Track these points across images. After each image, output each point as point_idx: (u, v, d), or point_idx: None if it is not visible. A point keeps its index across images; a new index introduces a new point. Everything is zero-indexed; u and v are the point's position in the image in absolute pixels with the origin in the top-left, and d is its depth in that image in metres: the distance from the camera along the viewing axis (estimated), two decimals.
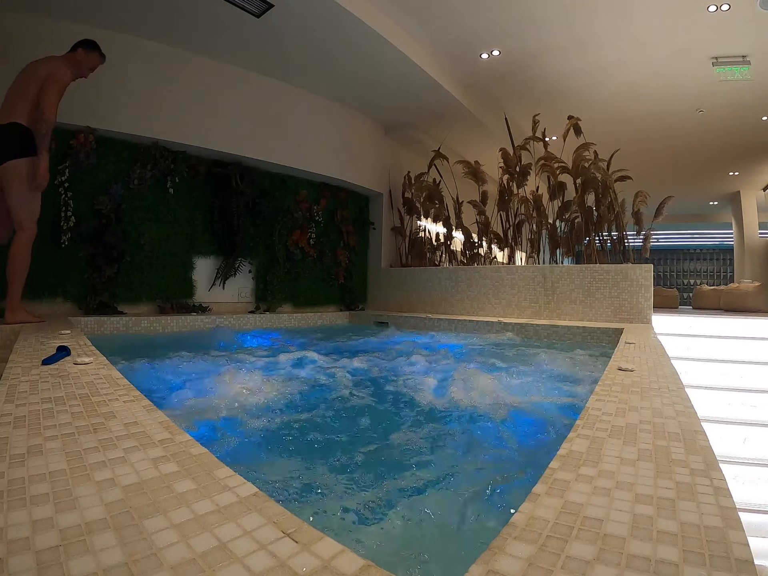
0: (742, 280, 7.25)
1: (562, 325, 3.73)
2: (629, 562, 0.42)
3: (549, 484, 0.59)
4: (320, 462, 1.21)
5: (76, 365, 1.31)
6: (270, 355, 2.85)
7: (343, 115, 5.32)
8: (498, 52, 4.32)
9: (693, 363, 2.82)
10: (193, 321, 3.84)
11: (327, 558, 0.42)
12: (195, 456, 0.66)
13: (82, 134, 3.40)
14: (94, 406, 0.90)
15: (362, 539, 0.83)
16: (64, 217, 3.35)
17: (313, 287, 5.36)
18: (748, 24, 3.71)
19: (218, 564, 0.41)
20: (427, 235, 6.06)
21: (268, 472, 1.11)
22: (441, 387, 2.01)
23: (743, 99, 5.08)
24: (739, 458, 1.99)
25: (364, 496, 1.01)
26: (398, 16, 3.81)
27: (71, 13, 3.24)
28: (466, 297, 4.93)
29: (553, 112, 5.11)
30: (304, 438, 1.37)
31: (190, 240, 4.24)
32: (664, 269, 14.09)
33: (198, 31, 3.65)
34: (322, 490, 1.03)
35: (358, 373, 2.39)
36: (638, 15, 3.68)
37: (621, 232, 4.53)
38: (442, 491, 1.05)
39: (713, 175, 8.35)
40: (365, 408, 1.77)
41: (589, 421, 0.89)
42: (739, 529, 0.48)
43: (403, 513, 0.93)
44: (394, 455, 1.28)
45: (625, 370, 1.43)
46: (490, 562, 0.42)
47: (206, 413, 1.49)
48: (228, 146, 4.24)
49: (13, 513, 0.48)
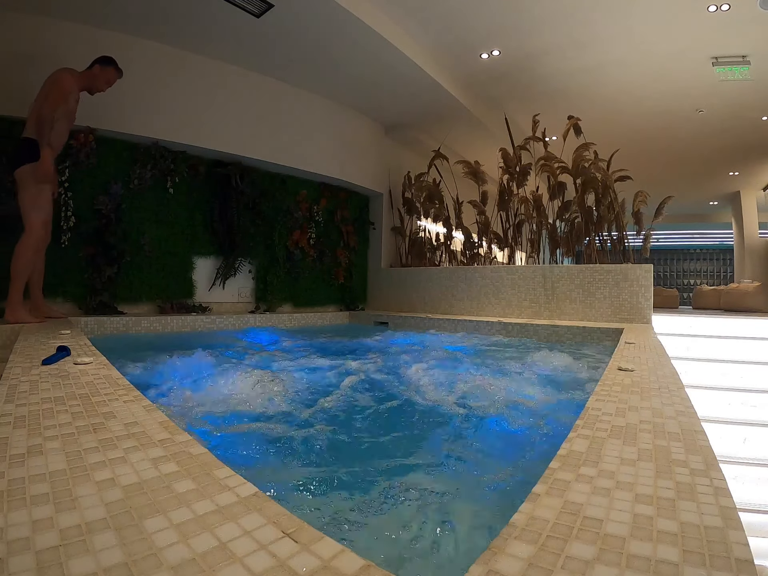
0: (742, 280, 7.26)
1: (562, 325, 3.73)
2: (629, 562, 0.42)
3: (549, 484, 0.59)
4: (320, 461, 1.21)
5: (76, 365, 1.31)
6: (269, 355, 2.85)
7: (343, 115, 5.32)
8: (498, 52, 4.32)
9: (693, 363, 2.82)
10: (193, 321, 3.84)
11: (327, 558, 0.42)
12: (195, 456, 0.66)
13: (82, 134, 3.40)
14: (94, 406, 0.90)
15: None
16: (64, 217, 3.35)
17: (313, 287, 5.36)
18: (748, 24, 3.71)
19: (218, 564, 0.41)
20: (427, 235, 6.06)
21: (267, 471, 1.11)
22: (441, 387, 2.01)
23: (743, 99, 5.08)
24: (739, 458, 1.99)
25: (362, 498, 1.01)
26: (398, 16, 3.81)
27: (71, 13, 3.24)
28: (466, 297, 4.93)
29: (553, 112, 5.11)
30: (303, 437, 1.37)
31: (190, 240, 4.24)
32: (664, 269, 14.08)
33: (198, 31, 3.65)
34: (321, 490, 1.03)
35: (357, 373, 2.38)
36: (638, 15, 3.68)
37: (621, 232, 4.53)
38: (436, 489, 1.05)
39: (713, 175, 8.35)
40: (364, 408, 1.76)
41: (589, 421, 0.89)
42: (739, 529, 0.48)
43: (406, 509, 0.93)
44: (393, 454, 1.28)
45: (625, 370, 1.43)
46: (490, 562, 0.42)
47: (206, 413, 1.49)
48: (228, 146, 4.24)
49: (13, 513, 0.48)
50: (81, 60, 3.38)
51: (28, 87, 2.90)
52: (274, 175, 4.88)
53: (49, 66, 3.26)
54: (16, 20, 3.14)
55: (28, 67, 3.13)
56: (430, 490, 1.04)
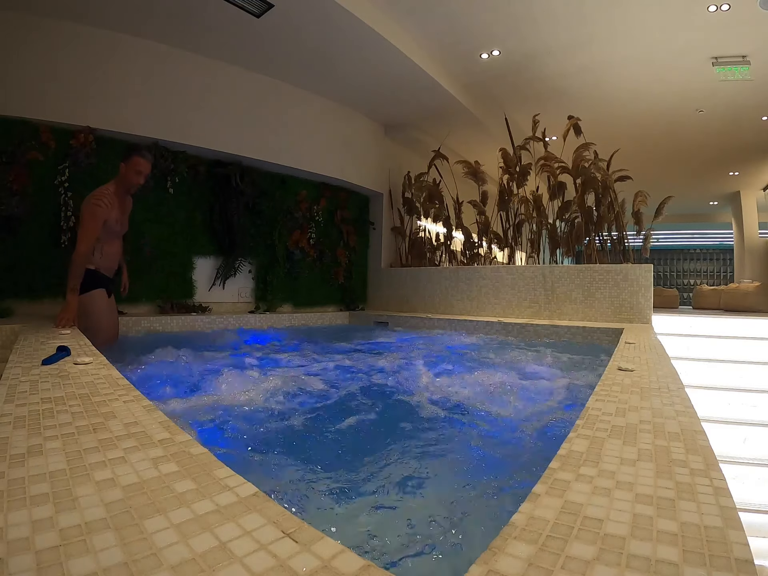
0: (742, 280, 7.26)
1: (562, 325, 3.73)
2: (629, 562, 0.42)
3: (549, 484, 0.59)
4: (318, 461, 1.21)
5: (76, 365, 1.31)
6: (269, 355, 2.85)
7: (343, 115, 5.32)
8: (498, 52, 4.32)
9: (693, 363, 2.82)
10: (193, 321, 3.84)
11: (327, 558, 0.42)
12: (195, 456, 0.66)
13: (82, 134, 3.41)
14: (94, 406, 0.90)
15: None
16: (64, 217, 3.35)
17: (313, 287, 5.36)
18: (748, 24, 3.71)
19: (218, 564, 0.41)
20: (427, 235, 6.06)
21: (266, 471, 1.11)
22: (440, 387, 2.01)
23: (743, 99, 5.08)
24: (739, 458, 1.99)
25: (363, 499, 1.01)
26: (398, 17, 3.81)
27: (72, 13, 3.23)
28: (466, 297, 4.93)
29: (553, 112, 5.11)
30: (302, 437, 1.37)
31: (190, 240, 4.24)
32: (664, 269, 14.08)
33: (198, 31, 3.65)
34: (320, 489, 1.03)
35: (357, 372, 2.39)
36: (638, 15, 3.68)
37: (621, 232, 4.53)
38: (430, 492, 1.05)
39: (713, 175, 8.35)
40: (364, 408, 1.76)
41: (589, 421, 0.89)
42: (739, 529, 0.48)
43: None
44: (392, 454, 1.28)
45: (625, 370, 1.43)
46: (490, 562, 0.42)
47: (205, 413, 1.49)
48: (228, 146, 4.24)
49: (13, 513, 0.48)
50: (81, 60, 3.40)
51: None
52: (274, 175, 4.88)
53: (49, 67, 3.28)
54: (17, 20, 3.14)
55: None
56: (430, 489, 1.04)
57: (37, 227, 3.29)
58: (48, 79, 3.24)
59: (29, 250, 3.26)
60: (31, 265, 3.27)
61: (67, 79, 3.32)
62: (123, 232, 2.79)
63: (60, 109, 3.32)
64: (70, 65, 3.34)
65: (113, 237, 2.69)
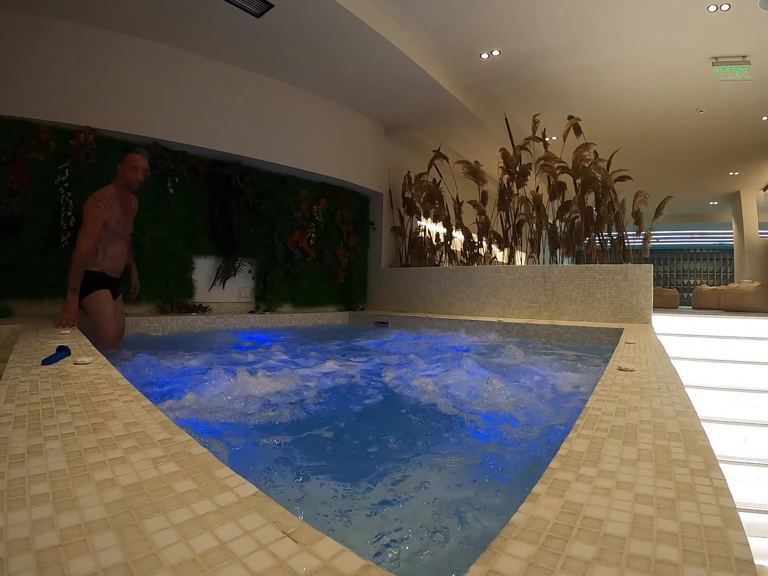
0: (742, 280, 7.26)
1: (562, 325, 3.73)
2: (629, 562, 0.42)
3: (549, 484, 0.59)
4: (318, 461, 1.21)
5: (76, 365, 1.31)
6: (269, 355, 2.85)
7: (343, 115, 5.32)
8: (498, 52, 4.32)
9: (693, 363, 2.82)
10: (193, 321, 3.84)
11: (327, 558, 0.42)
12: (195, 456, 0.66)
13: (82, 134, 3.40)
14: (94, 406, 0.90)
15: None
16: (64, 217, 3.35)
17: (313, 287, 5.36)
18: (748, 24, 3.71)
19: (218, 564, 0.41)
20: (427, 235, 6.06)
21: (267, 471, 1.11)
22: (440, 387, 2.01)
23: (743, 99, 5.08)
24: (739, 458, 1.99)
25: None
26: (398, 17, 3.81)
27: (72, 13, 3.23)
28: (466, 297, 4.93)
29: (553, 112, 5.11)
30: (302, 437, 1.37)
31: (190, 240, 4.24)
32: (664, 269, 14.08)
33: (197, 31, 3.65)
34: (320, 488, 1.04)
35: (357, 372, 2.39)
36: (638, 15, 3.68)
37: (621, 232, 4.53)
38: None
39: (713, 175, 8.35)
40: (363, 408, 1.76)
41: (589, 421, 0.89)
42: (739, 529, 0.48)
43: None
44: (392, 454, 1.28)
45: (625, 370, 1.43)
46: (490, 562, 0.42)
47: (204, 413, 1.49)
48: (228, 146, 4.24)
49: (13, 513, 0.48)
50: (81, 60, 3.40)
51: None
52: (274, 175, 4.88)
53: (49, 67, 3.27)
54: (17, 20, 3.14)
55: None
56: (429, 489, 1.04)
57: (37, 227, 3.29)
58: (48, 79, 3.24)
59: (29, 250, 3.26)
60: (31, 265, 3.27)
61: (67, 79, 3.32)
62: (127, 233, 2.79)
63: (60, 109, 3.32)
64: (70, 65, 3.34)
65: (116, 238, 2.68)
